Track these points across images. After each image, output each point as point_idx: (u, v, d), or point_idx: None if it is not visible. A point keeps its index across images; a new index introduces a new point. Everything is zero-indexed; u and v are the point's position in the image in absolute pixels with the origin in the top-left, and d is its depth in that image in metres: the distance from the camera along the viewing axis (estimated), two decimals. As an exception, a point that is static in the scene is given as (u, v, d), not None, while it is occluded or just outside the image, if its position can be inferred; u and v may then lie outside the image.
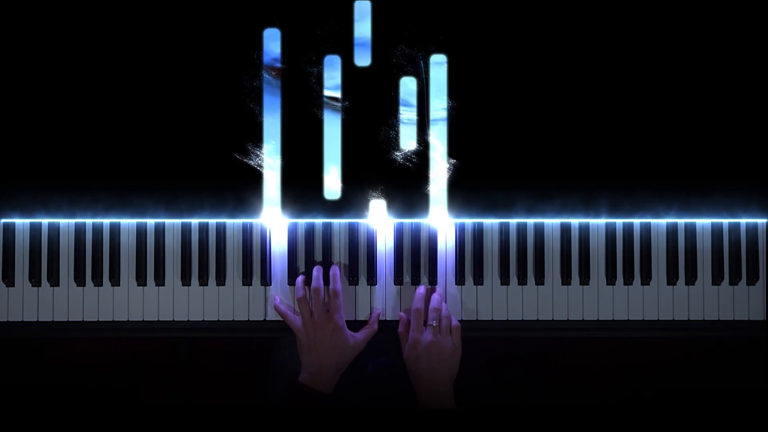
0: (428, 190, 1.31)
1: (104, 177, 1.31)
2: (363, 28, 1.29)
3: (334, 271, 1.31)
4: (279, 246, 1.34)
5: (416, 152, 1.31)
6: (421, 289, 1.31)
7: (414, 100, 1.30)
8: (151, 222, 1.33)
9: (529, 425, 1.19)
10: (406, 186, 1.31)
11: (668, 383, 1.75)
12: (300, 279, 1.31)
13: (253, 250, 1.33)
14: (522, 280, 1.34)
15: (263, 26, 1.30)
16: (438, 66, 1.30)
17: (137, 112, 1.31)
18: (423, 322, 1.29)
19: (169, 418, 1.21)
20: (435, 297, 1.31)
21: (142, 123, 1.31)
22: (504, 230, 1.33)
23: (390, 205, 1.31)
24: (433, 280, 1.33)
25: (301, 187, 1.31)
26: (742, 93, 1.31)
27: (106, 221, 1.33)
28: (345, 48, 1.30)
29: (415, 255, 1.33)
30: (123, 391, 1.72)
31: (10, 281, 1.33)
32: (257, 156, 1.30)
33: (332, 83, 1.30)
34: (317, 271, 1.30)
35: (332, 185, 1.31)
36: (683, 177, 1.31)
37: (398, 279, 1.34)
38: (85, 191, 1.31)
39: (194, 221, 1.33)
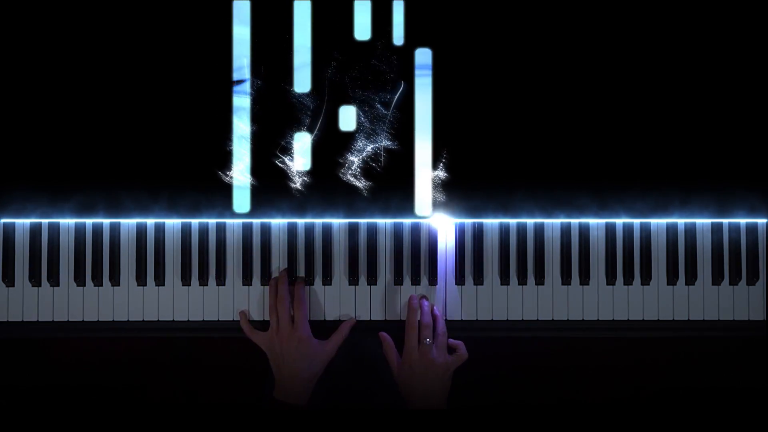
0: (428, 190, 1.31)
1: (104, 177, 1.31)
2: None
3: (299, 283, 1.29)
4: (279, 245, 1.34)
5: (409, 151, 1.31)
6: (414, 300, 1.28)
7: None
8: (151, 222, 1.33)
9: (529, 425, 1.19)
10: (403, 186, 1.31)
11: (668, 383, 1.75)
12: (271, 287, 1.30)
13: (253, 249, 1.33)
14: (522, 280, 1.33)
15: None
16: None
17: (136, 113, 1.31)
18: (417, 337, 1.24)
19: (167, 418, 1.21)
20: (425, 310, 1.26)
21: (141, 123, 1.31)
22: (504, 230, 1.33)
23: (389, 205, 1.32)
24: (433, 281, 1.33)
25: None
26: (742, 93, 1.31)
27: (106, 221, 1.33)
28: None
29: (415, 255, 1.33)
30: (122, 391, 1.72)
31: (10, 281, 1.33)
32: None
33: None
34: (283, 282, 1.28)
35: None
36: (683, 177, 1.31)
37: (398, 279, 1.33)
38: (85, 191, 1.31)
39: (194, 221, 1.33)
